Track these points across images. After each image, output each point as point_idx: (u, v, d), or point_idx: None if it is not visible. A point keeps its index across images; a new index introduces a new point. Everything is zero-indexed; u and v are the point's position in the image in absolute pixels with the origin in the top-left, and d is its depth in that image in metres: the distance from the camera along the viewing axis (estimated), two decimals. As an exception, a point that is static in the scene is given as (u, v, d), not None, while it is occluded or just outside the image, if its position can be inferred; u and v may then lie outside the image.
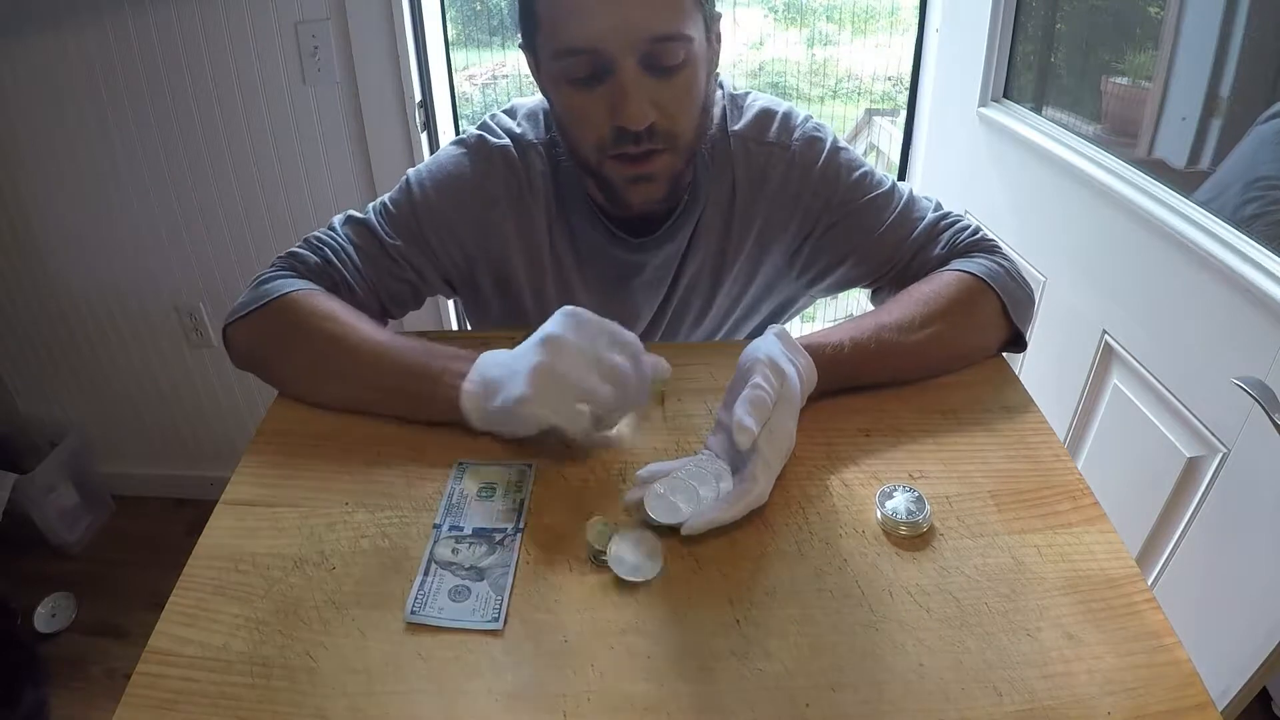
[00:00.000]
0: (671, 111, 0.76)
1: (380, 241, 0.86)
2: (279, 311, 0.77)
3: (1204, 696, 0.49)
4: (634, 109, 0.73)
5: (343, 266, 0.84)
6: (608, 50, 0.72)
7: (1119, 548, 0.59)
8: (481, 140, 0.89)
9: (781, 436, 0.64)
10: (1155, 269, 1.14)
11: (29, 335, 1.99)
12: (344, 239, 0.86)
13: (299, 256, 0.84)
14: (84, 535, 2.10)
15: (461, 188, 0.87)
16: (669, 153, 0.78)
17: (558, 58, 0.75)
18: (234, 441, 2.08)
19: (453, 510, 0.63)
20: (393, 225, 0.87)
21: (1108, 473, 1.28)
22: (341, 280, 0.84)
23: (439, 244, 0.88)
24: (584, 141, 0.79)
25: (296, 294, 0.78)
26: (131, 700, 0.50)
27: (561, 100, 0.79)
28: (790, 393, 0.66)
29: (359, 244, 0.86)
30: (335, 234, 0.87)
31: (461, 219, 0.88)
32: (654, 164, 0.78)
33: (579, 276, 0.93)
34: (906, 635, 0.53)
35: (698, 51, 0.76)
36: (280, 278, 0.81)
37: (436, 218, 0.87)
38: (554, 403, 0.64)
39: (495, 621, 0.55)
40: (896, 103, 2.89)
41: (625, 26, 0.71)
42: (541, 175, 0.88)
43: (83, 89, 1.66)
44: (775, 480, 0.63)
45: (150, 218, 1.81)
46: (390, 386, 0.72)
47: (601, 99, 0.75)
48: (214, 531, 0.62)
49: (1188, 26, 1.20)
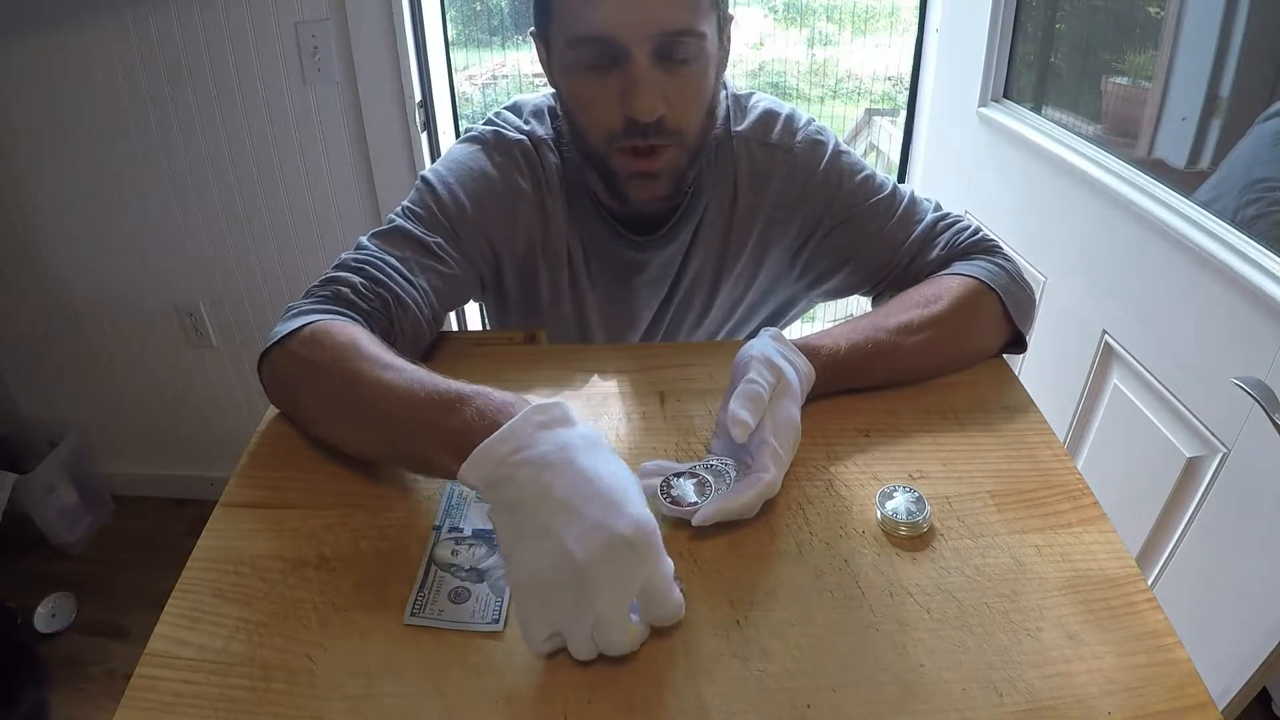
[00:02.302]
0: (680, 107, 0.76)
1: (420, 243, 0.81)
2: (303, 343, 0.69)
3: (1204, 696, 0.49)
4: (645, 100, 0.74)
5: (391, 280, 0.76)
6: (622, 40, 0.72)
7: (1119, 548, 0.59)
8: (499, 135, 0.88)
9: (787, 426, 0.63)
10: (1155, 269, 1.14)
11: (29, 335, 1.99)
12: (381, 252, 0.79)
13: (341, 280, 0.75)
14: (84, 535, 2.10)
15: (488, 183, 0.85)
16: (674, 149, 0.79)
17: (571, 46, 0.75)
18: (234, 441, 2.07)
19: (452, 512, 0.63)
20: (426, 226, 0.83)
21: (1108, 473, 1.27)
22: (392, 296, 0.76)
23: (471, 241, 0.85)
24: (592, 131, 0.79)
25: (318, 325, 0.70)
26: (130, 703, 0.50)
27: (572, 89, 0.79)
28: (789, 385, 0.65)
29: (399, 253, 0.79)
30: (369, 250, 0.79)
31: (490, 215, 0.86)
32: (659, 160, 0.79)
33: (586, 273, 0.93)
34: (907, 636, 0.53)
35: (709, 49, 0.77)
36: (317, 310, 0.72)
37: (466, 215, 0.84)
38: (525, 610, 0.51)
39: (495, 623, 0.55)
40: (896, 103, 2.89)
41: (641, 18, 0.72)
42: (555, 170, 0.88)
43: (83, 89, 1.66)
44: (786, 470, 0.63)
45: (150, 218, 1.81)
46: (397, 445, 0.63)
47: (613, 89, 0.75)
48: (213, 533, 0.62)
49: (1188, 26, 1.20)
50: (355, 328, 0.70)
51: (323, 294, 0.75)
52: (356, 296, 0.74)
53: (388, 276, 0.77)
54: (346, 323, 0.71)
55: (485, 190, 0.85)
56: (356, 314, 0.73)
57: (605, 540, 0.48)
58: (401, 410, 0.60)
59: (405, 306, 0.76)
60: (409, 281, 0.78)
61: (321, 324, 0.70)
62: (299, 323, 0.70)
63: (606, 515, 0.49)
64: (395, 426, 0.61)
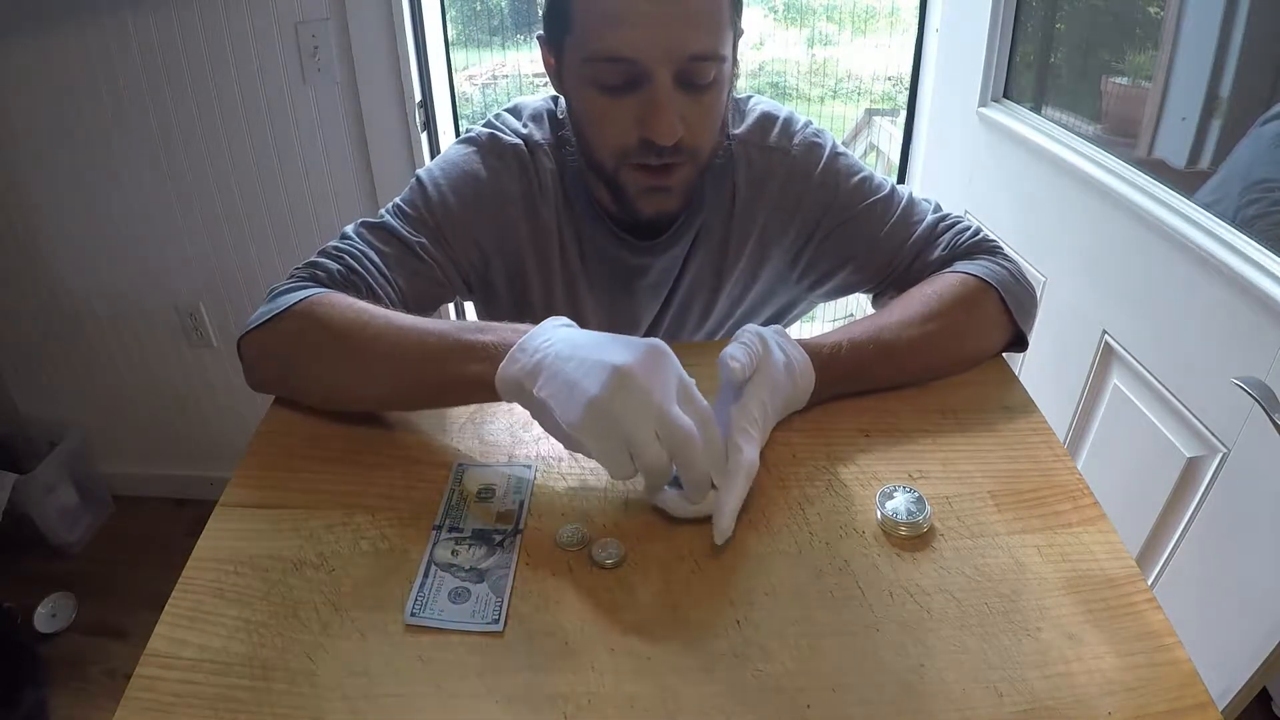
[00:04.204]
0: (698, 129, 0.76)
1: (403, 241, 0.83)
2: (297, 317, 0.72)
3: (1204, 696, 0.49)
4: (666, 124, 0.73)
5: (366, 273, 0.79)
6: (646, 63, 0.72)
7: (1119, 548, 0.59)
8: (494, 138, 0.88)
9: (752, 405, 0.64)
10: (1155, 269, 1.14)
11: (29, 335, 1.99)
12: (364, 244, 0.82)
13: (319, 265, 0.79)
14: (84, 535, 2.10)
15: (478, 186, 0.86)
16: (688, 166, 0.79)
17: (590, 62, 0.74)
18: (234, 441, 2.08)
19: (452, 512, 0.63)
20: (412, 225, 0.84)
21: (1108, 473, 1.27)
22: (366, 287, 0.79)
23: (457, 242, 0.86)
24: (605, 147, 0.79)
25: (314, 297, 0.73)
26: (130, 703, 0.50)
27: (587, 104, 0.78)
28: (770, 364, 0.66)
29: (380, 248, 0.82)
30: (353, 241, 0.82)
31: (478, 217, 0.86)
32: (673, 177, 0.79)
33: (585, 278, 0.93)
34: (907, 636, 0.53)
35: (727, 71, 0.77)
36: (300, 288, 0.76)
37: (454, 216, 0.85)
38: (601, 442, 0.58)
39: (495, 623, 0.55)
40: (896, 103, 2.89)
41: (667, 42, 0.71)
42: (551, 175, 0.88)
43: (83, 89, 1.67)
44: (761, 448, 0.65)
45: (150, 218, 1.81)
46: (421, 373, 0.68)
47: (631, 109, 0.74)
48: (213, 534, 0.62)
49: (1188, 26, 1.20)
50: (347, 296, 0.75)
51: (301, 275, 0.78)
52: (331, 283, 0.78)
53: (364, 269, 0.80)
54: (337, 293, 0.75)
55: (474, 193, 0.86)
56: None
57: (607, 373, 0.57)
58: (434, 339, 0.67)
59: (377, 298, 0.79)
60: (385, 278, 0.81)
61: (319, 295, 0.74)
62: (292, 299, 0.73)
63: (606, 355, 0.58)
64: (425, 357, 0.67)
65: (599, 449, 0.58)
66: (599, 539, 0.60)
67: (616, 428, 0.56)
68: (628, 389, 0.56)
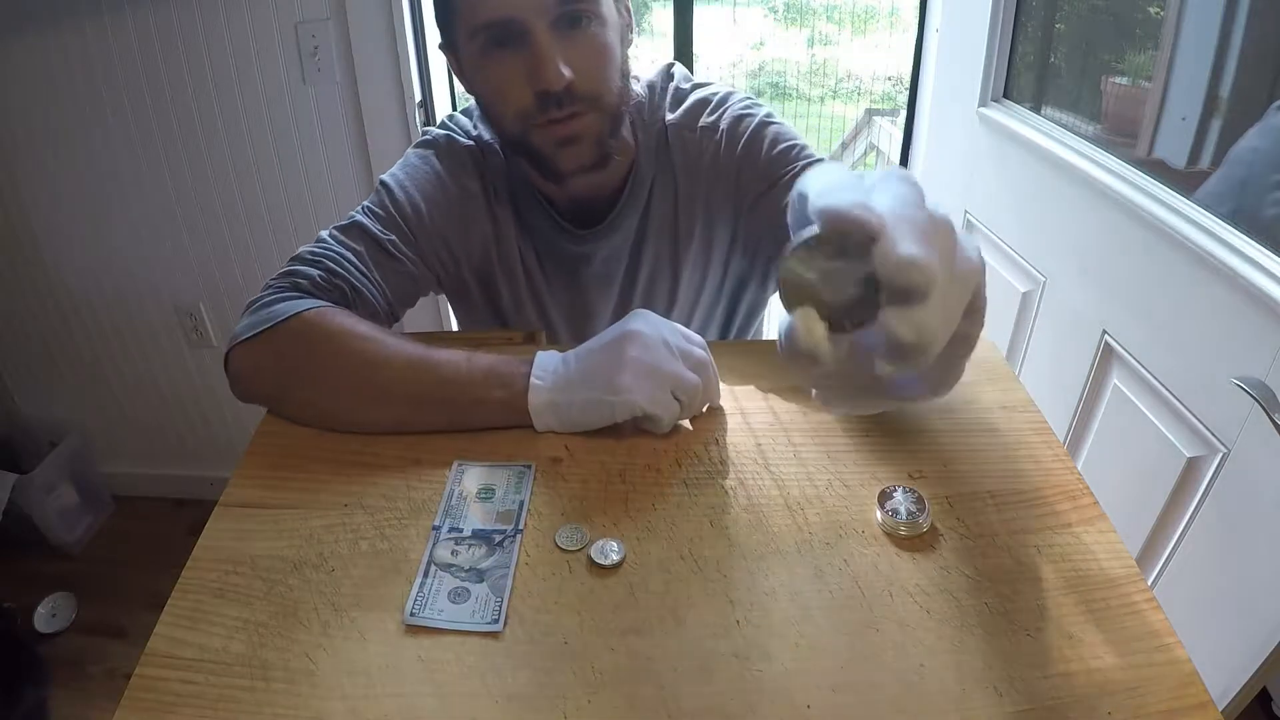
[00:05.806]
0: (586, 70, 0.78)
1: (377, 240, 0.85)
2: (295, 333, 0.72)
3: (1204, 696, 0.49)
4: (550, 69, 0.75)
5: (347, 274, 0.81)
6: (521, 18, 0.75)
7: (1119, 548, 0.59)
8: (450, 139, 0.91)
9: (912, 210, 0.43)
10: (1155, 269, 1.14)
11: (29, 336, 2.00)
12: (340, 246, 0.83)
13: (299, 273, 0.80)
14: (84, 535, 2.10)
15: (441, 184, 0.89)
16: (591, 114, 0.80)
17: (474, 36, 0.78)
18: (234, 441, 2.08)
19: (452, 512, 0.63)
20: (382, 224, 0.86)
21: (1108, 473, 1.27)
22: (349, 288, 0.80)
23: (426, 240, 0.88)
24: (508, 114, 0.80)
25: (311, 313, 0.73)
26: (130, 703, 0.50)
27: (483, 79, 0.81)
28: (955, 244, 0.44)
29: (357, 249, 0.84)
30: (328, 244, 0.84)
31: (443, 216, 0.89)
32: (577, 124, 0.80)
33: (540, 272, 0.95)
34: (907, 636, 0.53)
35: (606, 14, 0.79)
36: (286, 298, 0.76)
37: (421, 214, 0.88)
38: (651, 392, 0.65)
39: (495, 623, 0.55)
40: (896, 103, 2.89)
41: None
42: (501, 174, 0.91)
43: (82, 89, 1.67)
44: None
45: (150, 218, 1.81)
46: (441, 398, 0.70)
47: (520, 70, 0.77)
48: (212, 534, 0.62)
49: (1188, 26, 1.20)
50: (341, 311, 0.75)
51: (281, 285, 0.79)
52: (315, 289, 0.78)
53: (344, 269, 0.81)
54: (332, 309, 0.75)
55: (439, 192, 0.89)
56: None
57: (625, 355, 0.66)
58: (449, 369, 0.70)
59: (362, 298, 0.81)
60: (365, 275, 0.82)
61: (313, 311, 0.73)
62: (284, 312, 0.73)
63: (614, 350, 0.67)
64: (443, 383, 0.70)
65: (653, 400, 0.65)
66: (599, 539, 0.60)
67: (660, 374, 0.66)
68: (648, 342, 0.67)
